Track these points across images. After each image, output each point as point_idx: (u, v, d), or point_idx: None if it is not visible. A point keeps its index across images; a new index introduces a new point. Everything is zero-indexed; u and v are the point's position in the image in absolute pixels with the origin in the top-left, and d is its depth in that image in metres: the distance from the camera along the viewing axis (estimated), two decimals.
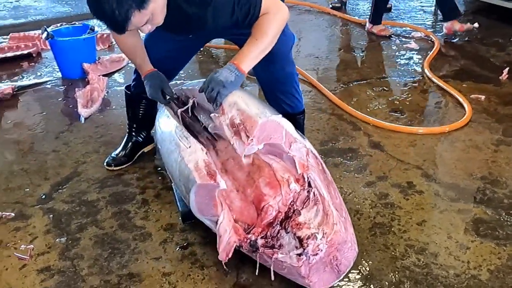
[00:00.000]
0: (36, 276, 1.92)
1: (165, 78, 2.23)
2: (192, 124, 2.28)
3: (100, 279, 1.89)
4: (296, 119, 2.35)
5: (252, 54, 1.98)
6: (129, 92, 2.57)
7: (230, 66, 1.97)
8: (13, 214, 2.26)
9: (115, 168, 2.56)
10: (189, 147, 1.98)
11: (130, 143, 2.63)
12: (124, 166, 2.59)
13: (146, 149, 2.69)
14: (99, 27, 3.97)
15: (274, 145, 1.96)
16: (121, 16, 1.70)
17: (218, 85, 1.95)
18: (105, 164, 2.59)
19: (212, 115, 2.07)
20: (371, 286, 1.81)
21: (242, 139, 1.93)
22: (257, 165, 1.99)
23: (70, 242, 2.09)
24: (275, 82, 2.29)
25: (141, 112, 2.58)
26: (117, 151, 2.63)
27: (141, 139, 2.65)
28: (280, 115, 2.02)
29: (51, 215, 2.25)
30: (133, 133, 2.64)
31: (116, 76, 3.78)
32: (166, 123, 2.25)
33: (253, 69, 2.16)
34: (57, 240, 2.10)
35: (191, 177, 1.86)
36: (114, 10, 1.68)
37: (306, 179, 1.92)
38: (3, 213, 2.27)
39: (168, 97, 2.21)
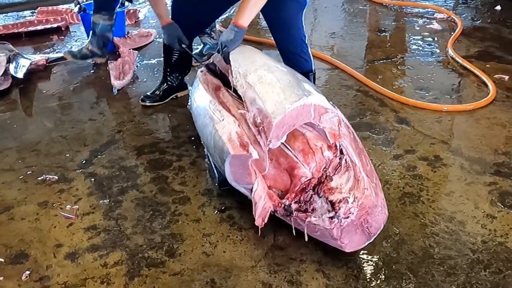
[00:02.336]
0: (84, 234, 2.03)
1: (181, 30, 2.58)
2: (226, 96, 2.36)
3: (144, 238, 2.00)
4: (306, 77, 2.51)
5: (246, 9, 2.24)
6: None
7: (230, 25, 2.27)
8: (56, 177, 2.37)
9: (148, 104, 2.87)
10: (222, 119, 2.05)
11: (164, 85, 2.92)
12: (158, 104, 2.87)
13: (180, 94, 2.96)
14: (129, 2, 4.02)
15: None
16: None
17: (222, 44, 2.29)
18: (140, 100, 2.89)
19: (239, 111, 2.09)
20: (403, 250, 1.90)
21: (262, 140, 1.98)
22: (292, 133, 2.07)
23: (113, 203, 2.20)
24: (282, 43, 2.60)
25: (174, 57, 2.82)
26: (151, 91, 2.91)
27: (175, 83, 2.91)
28: (309, 92, 2.01)
29: (93, 179, 2.36)
30: (167, 77, 2.90)
31: (144, 50, 3.86)
32: (200, 98, 2.33)
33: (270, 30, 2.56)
34: (100, 201, 2.21)
35: (225, 148, 1.95)
36: None
37: (338, 147, 2.00)
38: (47, 175, 2.38)
39: (183, 45, 2.60)
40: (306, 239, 1.86)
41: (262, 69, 2.11)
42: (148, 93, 2.93)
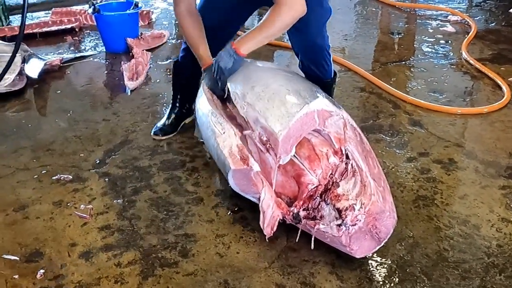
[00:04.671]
0: (97, 233, 2.04)
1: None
2: (232, 104, 2.34)
3: (158, 238, 2.01)
4: (324, 83, 2.43)
5: (255, 40, 2.12)
6: (177, 63, 2.69)
7: (230, 50, 2.12)
8: (70, 177, 2.39)
9: (162, 138, 2.68)
10: (223, 133, 2.05)
11: (173, 114, 2.75)
12: (170, 135, 2.70)
13: (187, 121, 2.80)
14: (142, 3, 4.06)
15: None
16: None
17: (219, 72, 2.14)
18: (152, 134, 2.70)
19: (245, 132, 2.07)
20: (417, 253, 1.90)
21: (272, 156, 1.98)
22: None
23: (126, 203, 2.21)
24: (305, 51, 2.40)
25: (186, 83, 2.70)
26: (162, 122, 2.75)
27: (184, 110, 2.77)
28: (310, 97, 2.01)
29: (107, 179, 2.37)
30: (177, 104, 2.75)
31: (157, 51, 3.88)
32: (204, 109, 2.30)
33: (288, 35, 2.35)
34: (114, 201, 2.22)
35: (226, 162, 1.96)
36: None
37: (344, 152, 1.99)
38: (61, 175, 2.39)
39: (225, 89, 2.22)
40: (313, 247, 1.86)
41: (258, 85, 2.08)
42: (159, 125, 2.74)
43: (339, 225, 1.81)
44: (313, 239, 1.86)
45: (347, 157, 1.97)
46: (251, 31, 2.13)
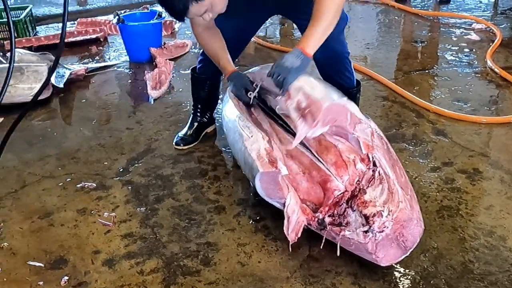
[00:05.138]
0: (121, 241, 2.06)
1: (248, 78, 2.32)
2: (258, 110, 2.36)
3: (180, 246, 2.02)
4: (348, 93, 2.39)
5: (315, 36, 2.02)
6: (195, 74, 2.69)
7: (296, 51, 2.02)
8: (94, 185, 2.42)
9: (184, 148, 2.69)
10: (251, 136, 2.06)
11: (195, 124, 2.76)
12: (192, 145, 2.71)
13: (208, 130, 2.81)
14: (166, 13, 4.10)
15: (339, 127, 2.03)
16: (180, 6, 1.85)
17: (284, 71, 2.00)
18: (174, 143, 2.72)
19: (278, 98, 2.14)
20: (441, 264, 1.87)
21: (307, 122, 2.01)
22: (324, 145, 2.06)
23: (149, 211, 2.22)
24: (325, 61, 2.35)
25: (205, 93, 2.71)
26: (183, 132, 2.76)
27: (205, 120, 2.78)
28: (346, 98, 2.08)
29: (130, 187, 2.40)
30: (198, 114, 2.77)
31: (180, 60, 3.92)
32: (230, 114, 2.33)
33: None
34: (137, 209, 2.24)
35: (254, 165, 1.97)
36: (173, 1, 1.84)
37: (371, 159, 1.98)
38: (85, 183, 2.43)
39: (250, 93, 2.27)
40: (338, 253, 1.85)
41: (305, 83, 2.11)
42: (181, 135, 2.75)
43: (366, 232, 1.79)
44: (338, 245, 1.85)
45: (374, 164, 1.96)
46: (308, 31, 2.04)
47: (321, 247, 1.89)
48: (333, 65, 2.40)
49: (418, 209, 1.90)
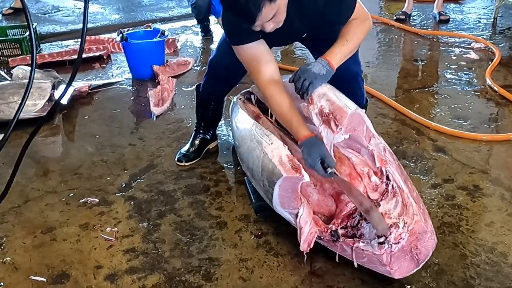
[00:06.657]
0: (123, 256, 2.07)
1: (325, 146, 2.00)
2: (267, 124, 2.38)
3: (181, 261, 2.02)
4: None
5: (342, 53, 2.10)
6: (200, 94, 2.71)
7: (322, 61, 2.08)
8: (97, 200, 2.43)
9: (186, 164, 2.71)
10: (271, 143, 2.06)
11: (197, 140, 2.78)
12: (194, 161, 2.73)
13: (210, 146, 2.83)
14: (168, 31, 4.15)
15: (353, 139, 2.06)
16: (254, 6, 1.77)
17: (311, 76, 2.05)
18: (176, 160, 2.74)
19: (301, 104, 2.15)
20: (442, 280, 1.87)
21: (331, 128, 2.02)
22: (338, 157, 2.09)
23: (151, 227, 2.23)
24: (340, 80, 2.32)
25: (209, 113, 2.74)
26: (185, 148, 2.78)
27: (208, 136, 2.80)
28: (364, 110, 2.11)
29: (132, 202, 2.41)
30: (201, 131, 2.79)
31: (182, 78, 3.96)
32: (243, 123, 2.35)
33: None
34: (140, 224, 2.25)
35: (275, 171, 1.94)
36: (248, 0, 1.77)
37: (384, 173, 2.00)
38: (88, 198, 2.44)
39: (329, 170, 1.93)
40: (356, 265, 1.85)
41: (328, 90, 2.16)
42: (183, 151, 2.77)
43: (381, 243, 1.79)
44: (353, 257, 1.85)
45: (388, 178, 1.99)
46: (336, 47, 2.11)
47: (323, 263, 1.90)
48: (347, 84, 2.36)
49: (431, 222, 1.90)
